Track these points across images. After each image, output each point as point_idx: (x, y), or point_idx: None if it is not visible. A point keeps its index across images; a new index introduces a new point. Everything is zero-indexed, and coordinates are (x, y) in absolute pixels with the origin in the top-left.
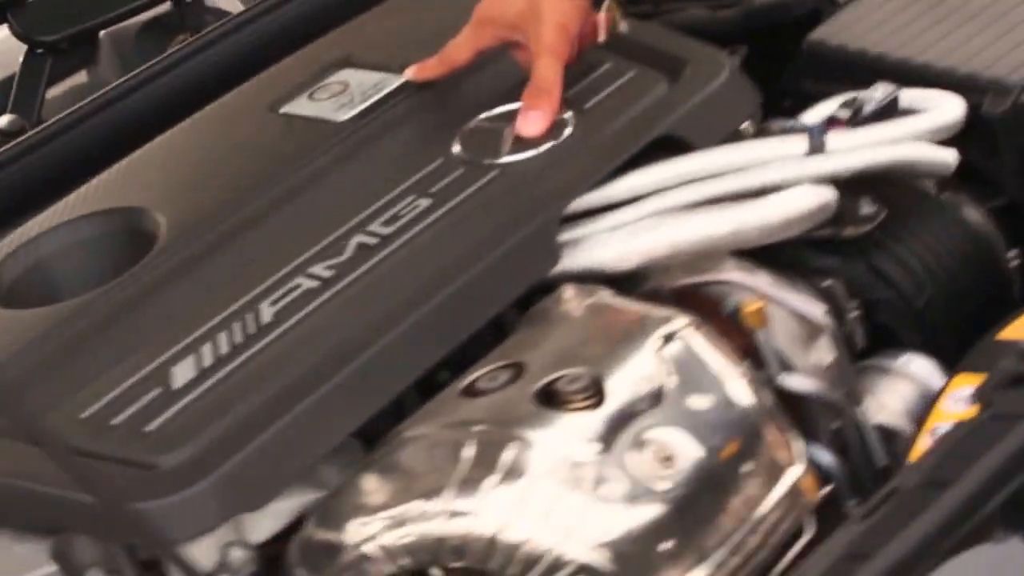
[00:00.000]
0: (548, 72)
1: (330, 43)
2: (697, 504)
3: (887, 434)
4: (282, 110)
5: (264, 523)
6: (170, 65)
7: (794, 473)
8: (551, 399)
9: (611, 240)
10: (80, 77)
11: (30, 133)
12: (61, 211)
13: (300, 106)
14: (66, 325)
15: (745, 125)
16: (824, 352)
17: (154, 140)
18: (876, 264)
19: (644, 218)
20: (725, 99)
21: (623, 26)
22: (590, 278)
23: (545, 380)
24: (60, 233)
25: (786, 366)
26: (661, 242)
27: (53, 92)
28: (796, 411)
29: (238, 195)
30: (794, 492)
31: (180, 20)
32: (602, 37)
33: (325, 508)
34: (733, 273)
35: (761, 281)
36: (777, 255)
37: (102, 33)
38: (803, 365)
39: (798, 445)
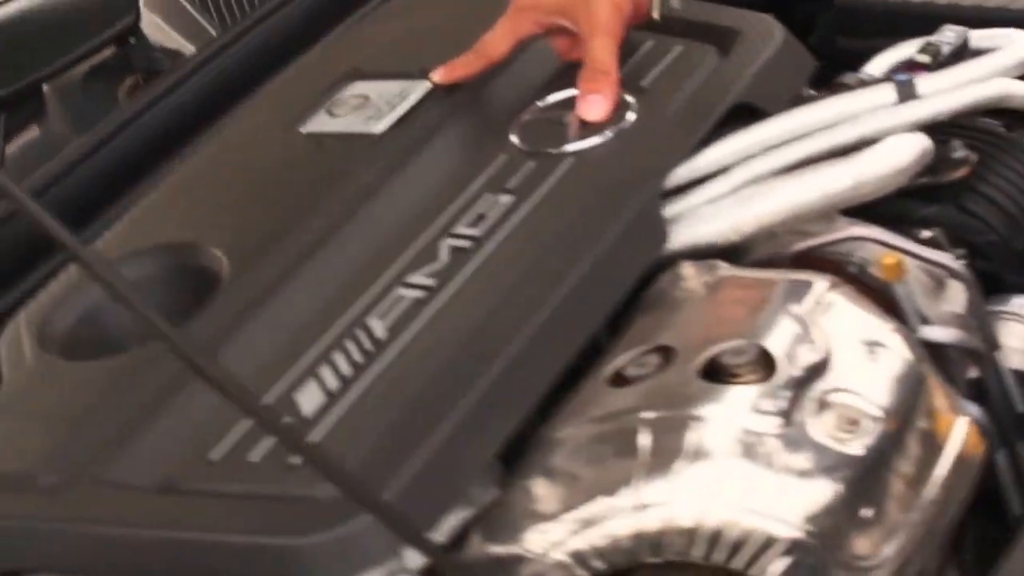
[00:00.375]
0: (604, 53)
1: (323, 57)
2: (885, 467)
3: (1022, 379)
4: (303, 130)
5: None
6: (151, 102)
7: (963, 427)
8: (717, 375)
9: (719, 211)
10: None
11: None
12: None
13: (322, 124)
14: (150, 371)
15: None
16: (954, 300)
17: (172, 173)
18: (972, 208)
19: (741, 187)
20: (785, 62)
21: (675, 2)
22: (693, 255)
23: (704, 357)
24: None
25: (922, 318)
26: (781, 205)
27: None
28: (934, 363)
29: (295, 218)
30: (966, 447)
31: (126, 63)
32: (656, 14)
33: (492, 521)
34: (855, 229)
35: (883, 234)
36: (875, 209)
37: (46, 86)
38: (935, 315)
39: (957, 398)
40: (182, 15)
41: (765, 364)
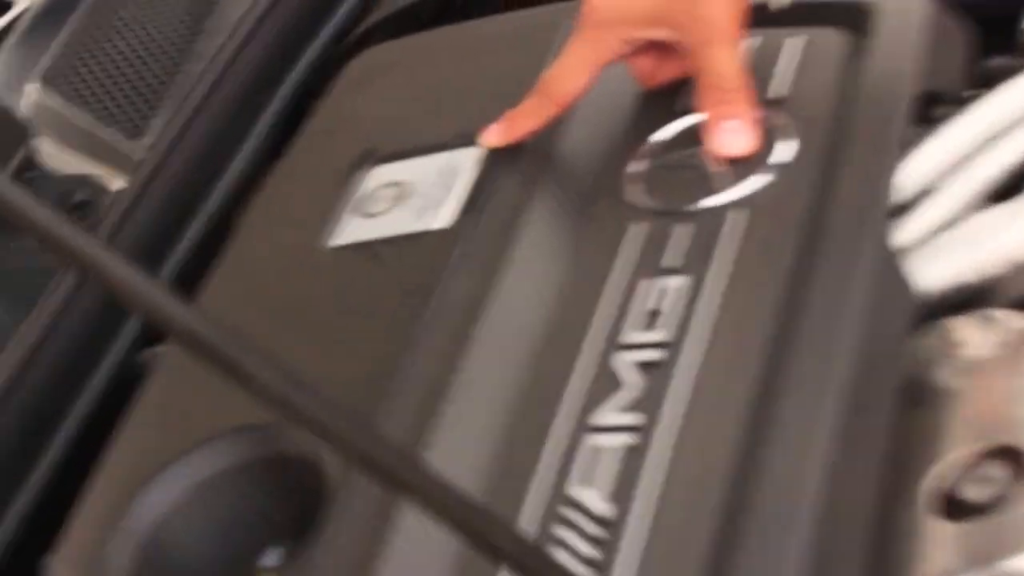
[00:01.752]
0: (730, 64)
1: (311, 149)
2: None
3: None
4: (336, 243)
5: None
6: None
7: None
8: None
9: (968, 238)
10: None
11: None
12: (136, 461)
13: (359, 230)
14: None
15: None
16: None
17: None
18: None
19: (972, 200)
20: (946, 32)
21: None
22: (930, 309)
23: None
24: (177, 476)
25: None
26: None
27: None
28: None
29: (390, 366)
30: None
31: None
32: (774, 5)
33: None
34: None
35: None
36: None
37: None
38: None
39: None
40: (81, 133)
41: None
